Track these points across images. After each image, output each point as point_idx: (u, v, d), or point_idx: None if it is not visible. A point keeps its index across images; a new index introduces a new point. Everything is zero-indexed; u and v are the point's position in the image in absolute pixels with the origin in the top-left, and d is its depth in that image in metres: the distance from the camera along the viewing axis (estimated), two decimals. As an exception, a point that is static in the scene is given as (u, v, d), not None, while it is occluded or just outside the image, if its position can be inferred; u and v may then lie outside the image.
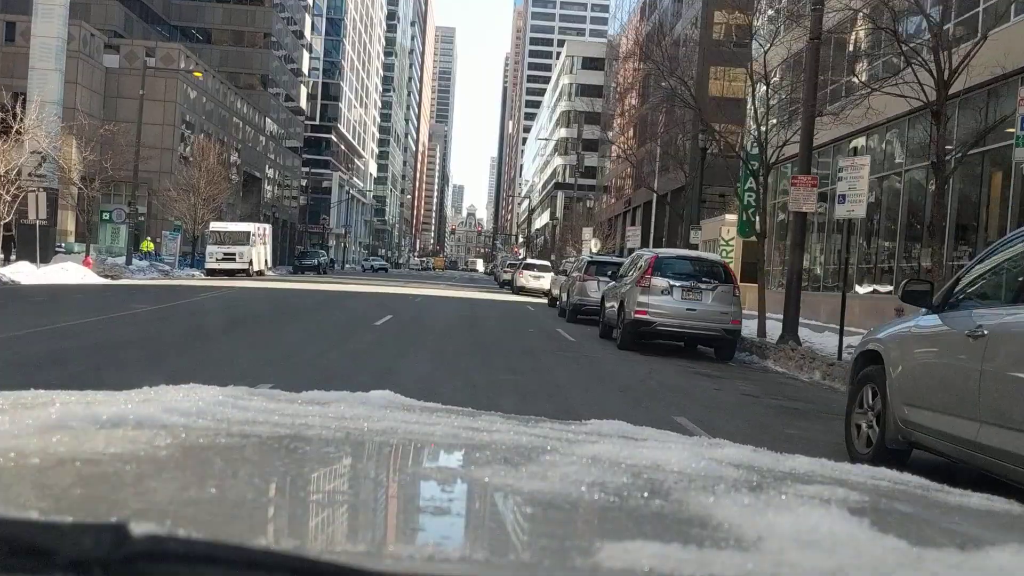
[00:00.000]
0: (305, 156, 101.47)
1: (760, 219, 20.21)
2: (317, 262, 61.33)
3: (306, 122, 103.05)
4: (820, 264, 28.64)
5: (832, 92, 24.46)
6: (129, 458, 1.09)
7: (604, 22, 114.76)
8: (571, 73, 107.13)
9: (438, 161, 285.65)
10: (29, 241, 30.65)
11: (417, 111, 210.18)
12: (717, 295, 14.84)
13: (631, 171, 63.36)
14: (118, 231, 50.15)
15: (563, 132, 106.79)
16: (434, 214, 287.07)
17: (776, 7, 24.19)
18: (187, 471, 1.10)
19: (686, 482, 1.20)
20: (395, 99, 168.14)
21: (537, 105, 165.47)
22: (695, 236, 32.30)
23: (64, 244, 42.86)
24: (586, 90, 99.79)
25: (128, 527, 0.67)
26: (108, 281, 29.45)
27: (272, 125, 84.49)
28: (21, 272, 25.95)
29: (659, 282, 14.76)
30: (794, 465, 1.45)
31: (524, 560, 0.88)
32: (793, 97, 23.33)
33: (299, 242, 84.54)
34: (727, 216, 34.54)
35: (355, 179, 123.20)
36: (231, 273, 40.95)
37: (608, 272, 20.25)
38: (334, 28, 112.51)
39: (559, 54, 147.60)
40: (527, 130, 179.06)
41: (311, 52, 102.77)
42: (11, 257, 31.45)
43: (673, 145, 46.00)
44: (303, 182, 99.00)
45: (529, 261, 45.97)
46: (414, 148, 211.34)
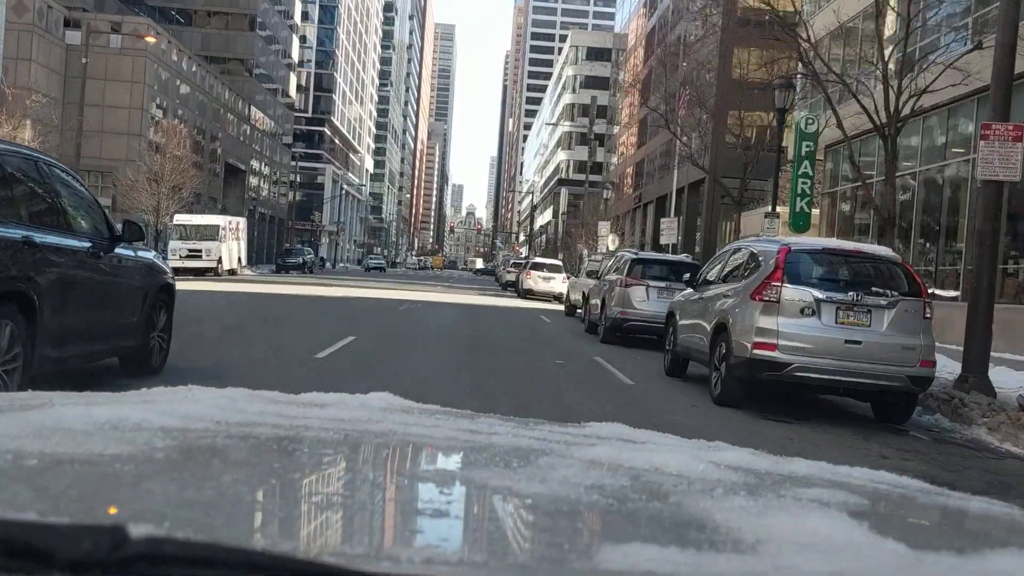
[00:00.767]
0: (297, 150, 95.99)
1: (888, 199, 15.81)
2: (302, 260, 57.22)
3: (298, 114, 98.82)
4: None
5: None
6: (127, 459, 1.09)
7: (608, 17, 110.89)
8: (575, 64, 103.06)
9: (437, 159, 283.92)
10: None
11: (416, 108, 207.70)
12: (897, 316, 9.20)
13: (654, 159, 59.37)
14: (79, 226, 47.15)
15: (567, 126, 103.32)
16: (433, 213, 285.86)
17: None
18: (185, 473, 1.10)
19: (685, 485, 1.20)
20: (392, 94, 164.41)
21: (538, 102, 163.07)
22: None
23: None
24: (591, 82, 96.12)
25: (126, 529, 0.67)
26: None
27: (258, 114, 79.10)
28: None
29: (795, 294, 9.16)
30: (793, 468, 1.45)
31: (522, 562, 0.88)
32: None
33: (289, 240, 79.96)
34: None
35: (350, 175, 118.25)
36: (199, 272, 36.05)
37: (663, 275, 15.54)
38: (328, 16, 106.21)
39: (561, 49, 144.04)
40: (528, 127, 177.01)
41: (305, 43, 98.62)
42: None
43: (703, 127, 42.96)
44: (296, 177, 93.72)
45: (537, 260, 40.04)
46: (412, 145, 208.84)
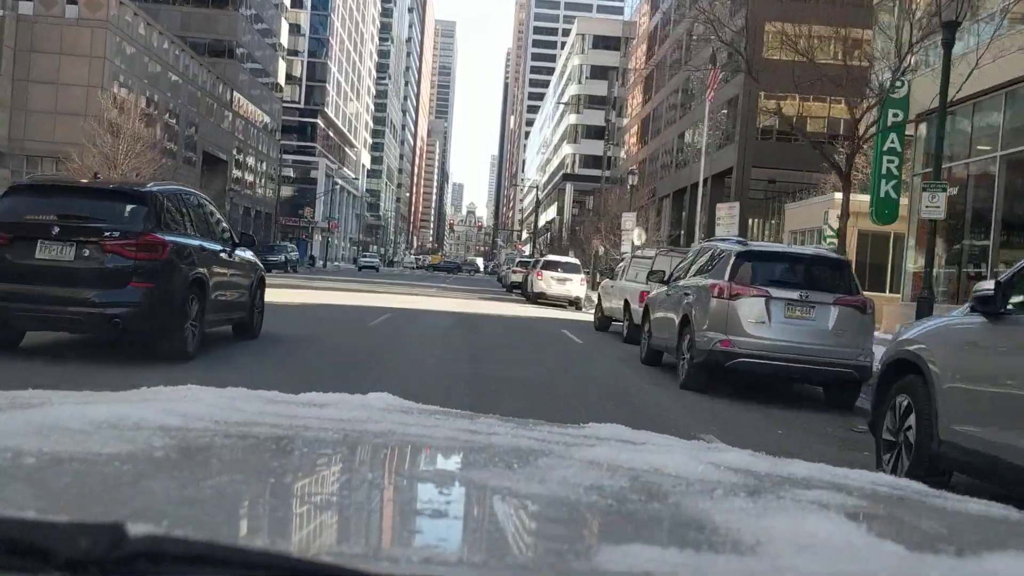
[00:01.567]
0: (289, 142, 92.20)
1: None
2: (284, 258, 51.71)
3: (290, 105, 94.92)
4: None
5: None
6: (126, 458, 1.09)
7: (612, 11, 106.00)
8: (582, 53, 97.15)
9: (437, 157, 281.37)
10: None
11: (415, 103, 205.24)
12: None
13: (673, 149, 55.52)
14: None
15: (572, 118, 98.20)
16: (433, 211, 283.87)
17: None
18: (184, 472, 1.10)
19: (684, 486, 1.20)
20: (391, 88, 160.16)
21: (540, 98, 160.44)
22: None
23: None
24: (598, 72, 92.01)
25: (125, 527, 0.67)
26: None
27: (243, 101, 74.07)
28: None
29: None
30: (793, 470, 1.45)
31: (522, 563, 0.88)
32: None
33: (274, 236, 75.30)
34: (836, 196, 24.27)
35: (346, 170, 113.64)
36: None
37: (792, 279, 10.18)
38: (321, 1, 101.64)
39: (563, 44, 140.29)
40: (529, 123, 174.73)
41: (299, 32, 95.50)
42: None
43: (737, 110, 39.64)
44: (281, 170, 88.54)
45: (551, 257, 34.04)
46: (412, 142, 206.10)
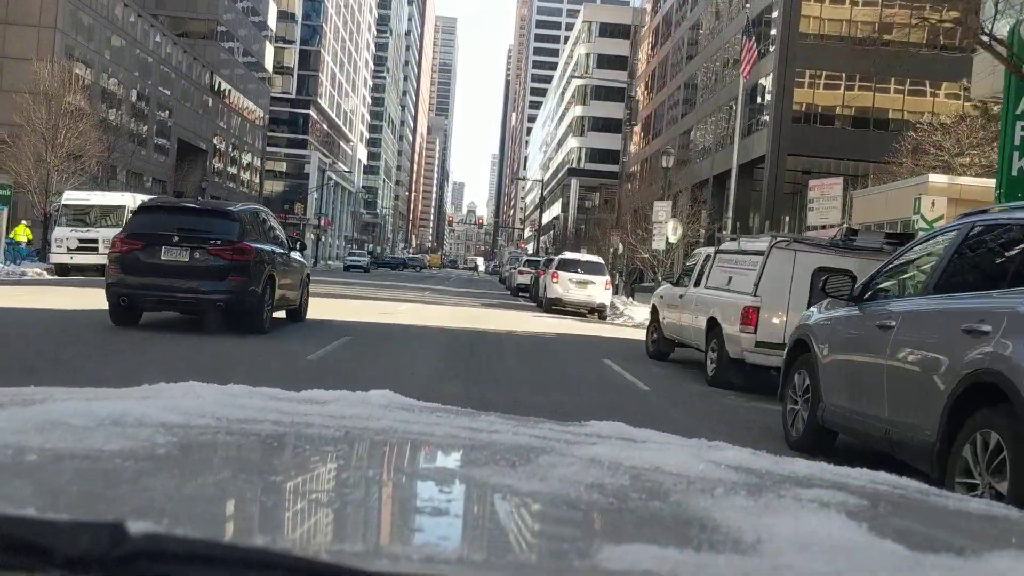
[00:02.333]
0: (281, 135, 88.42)
1: None
2: None
3: (281, 95, 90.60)
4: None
5: None
6: (128, 456, 1.09)
7: (617, 2, 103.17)
8: (588, 42, 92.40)
9: (437, 155, 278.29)
10: None
11: (415, 99, 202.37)
12: None
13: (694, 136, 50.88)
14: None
15: (578, 110, 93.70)
16: (433, 210, 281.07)
17: None
18: (186, 469, 1.10)
19: (685, 484, 1.20)
20: (389, 82, 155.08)
21: (543, 94, 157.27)
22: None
23: None
24: (605, 61, 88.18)
25: (126, 525, 0.68)
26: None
27: (225, 86, 67.99)
28: None
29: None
30: (793, 468, 1.45)
31: (523, 561, 0.88)
32: None
33: None
34: (931, 179, 20.49)
35: (340, 165, 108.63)
36: (96, 269, 24.93)
37: None
38: None
39: (566, 38, 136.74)
40: (532, 119, 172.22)
41: (292, 19, 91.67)
42: None
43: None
44: (281, 165, 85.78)
45: (569, 256, 28.27)
46: (411, 138, 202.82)
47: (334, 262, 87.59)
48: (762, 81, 39.98)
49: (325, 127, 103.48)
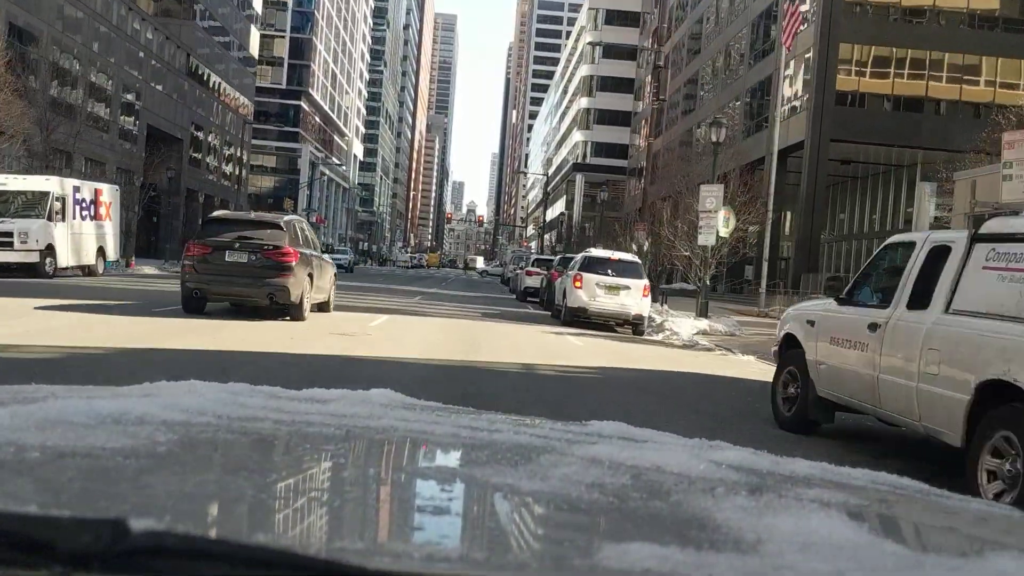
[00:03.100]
0: (271, 127, 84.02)
1: None
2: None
3: (271, 86, 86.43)
4: None
5: None
6: (129, 453, 1.09)
7: None
8: (595, 30, 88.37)
9: (437, 154, 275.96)
10: None
11: (413, 95, 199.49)
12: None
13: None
14: None
15: (584, 102, 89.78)
16: (432, 209, 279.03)
17: None
18: (187, 467, 1.10)
19: (686, 484, 1.20)
20: (387, 77, 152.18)
21: (544, 89, 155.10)
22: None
23: None
24: (612, 51, 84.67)
25: (127, 522, 0.68)
26: None
27: (204, 69, 62.15)
28: None
29: None
30: (794, 468, 1.45)
31: (523, 560, 0.88)
32: None
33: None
34: None
35: (334, 159, 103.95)
36: (6, 269, 22.30)
37: None
38: None
39: (568, 33, 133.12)
40: (533, 116, 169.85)
41: (282, 7, 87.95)
42: None
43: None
44: (271, 160, 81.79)
45: (596, 253, 22.33)
46: (409, 135, 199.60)
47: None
48: (801, 57, 35.38)
49: (318, 120, 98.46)
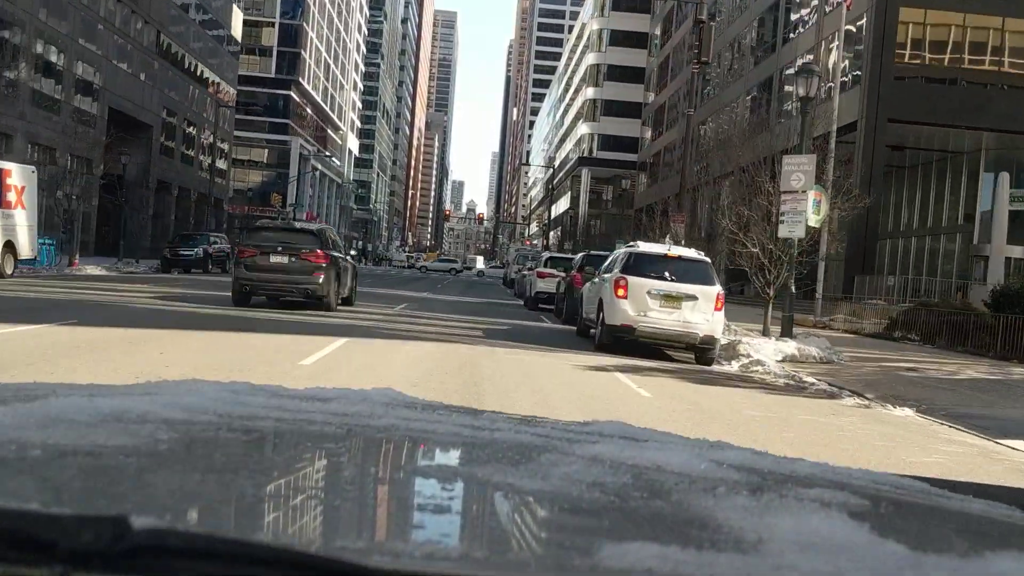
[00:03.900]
0: (260, 119, 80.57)
1: None
2: (202, 252, 36.51)
3: (258, 75, 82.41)
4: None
5: None
6: (130, 451, 1.09)
7: None
8: (602, 16, 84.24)
9: (436, 152, 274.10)
10: None
11: (412, 91, 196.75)
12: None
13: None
14: None
15: (590, 92, 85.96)
16: (431, 208, 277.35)
17: None
18: (188, 465, 1.10)
19: (687, 483, 1.20)
20: (384, 70, 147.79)
21: (546, 85, 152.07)
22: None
23: None
24: (620, 37, 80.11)
25: (129, 520, 0.68)
26: None
27: (177, 48, 55.46)
28: None
29: None
30: (795, 468, 1.45)
31: (524, 559, 0.88)
32: None
33: (204, 223, 57.72)
34: None
35: (328, 154, 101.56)
36: None
37: None
38: None
39: (570, 27, 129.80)
40: (534, 112, 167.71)
41: None
42: None
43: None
44: (261, 154, 77.60)
45: (645, 249, 15.74)
46: (408, 131, 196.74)
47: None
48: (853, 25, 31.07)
49: (310, 111, 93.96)
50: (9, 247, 22.95)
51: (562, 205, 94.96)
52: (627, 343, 14.75)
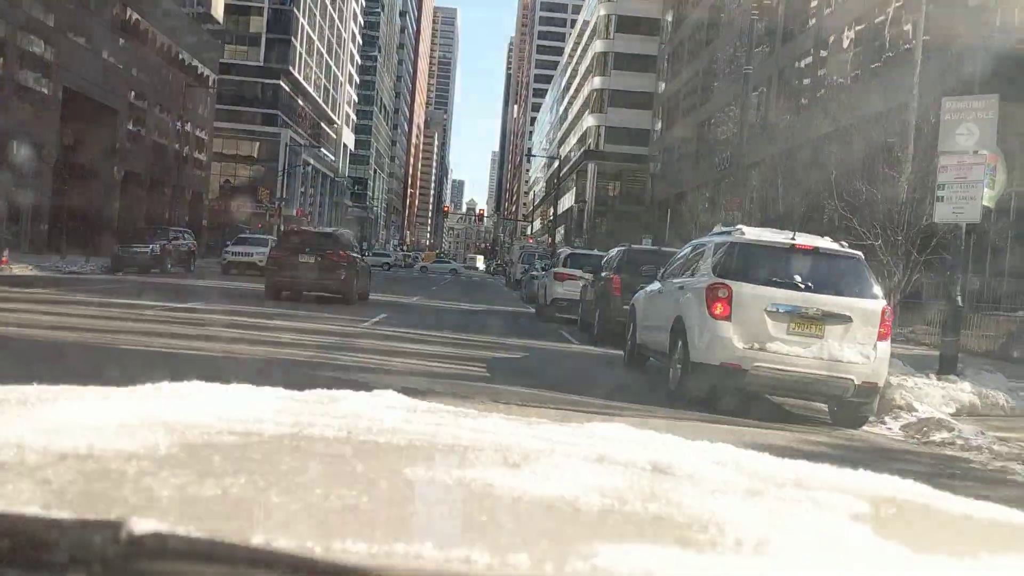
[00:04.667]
0: (248, 110, 77.01)
1: None
2: (159, 249, 31.70)
3: (245, 63, 78.59)
4: None
5: None
6: (131, 455, 1.09)
7: None
8: (610, 1, 79.69)
9: (436, 150, 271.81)
10: None
11: (411, 87, 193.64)
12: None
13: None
14: None
15: (597, 81, 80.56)
16: (431, 207, 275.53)
17: None
18: (189, 468, 1.10)
19: (687, 485, 1.20)
20: (381, 63, 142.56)
21: (548, 80, 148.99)
22: None
23: None
24: (628, 23, 76.07)
25: (129, 524, 0.68)
26: None
27: (145, 24, 48.70)
28: None
29: None
30: (796, 470, 1.45)
31: (523, 561, 0.88)
32: None
33: (179, 217, 51.17)
34: None
35: (322, 149, 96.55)
36: None
37: None
38: None
39: (573, 21, 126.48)
40: (536, 108, 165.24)
41: None
42: None
43: None
44: (249, 148, 73.25)
45: (750, 235, 9.61)
46: (406, 128, 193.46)
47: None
48: None
49: (301, 103, 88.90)
50: None
51: (566, 202, 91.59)
52: (719, 390, 9.09)
